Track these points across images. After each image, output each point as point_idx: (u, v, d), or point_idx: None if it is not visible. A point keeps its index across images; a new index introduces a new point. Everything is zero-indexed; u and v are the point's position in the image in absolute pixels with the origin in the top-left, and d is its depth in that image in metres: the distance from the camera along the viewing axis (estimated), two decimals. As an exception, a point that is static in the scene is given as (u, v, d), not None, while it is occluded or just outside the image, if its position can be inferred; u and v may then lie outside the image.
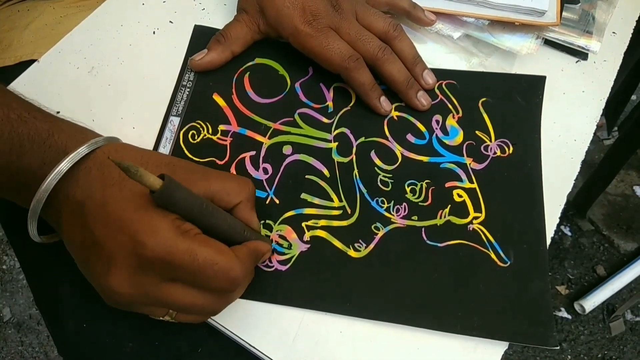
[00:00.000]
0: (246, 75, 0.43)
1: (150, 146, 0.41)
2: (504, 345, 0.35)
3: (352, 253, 0.37)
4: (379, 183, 0.40)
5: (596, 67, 0.47)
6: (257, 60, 0.44)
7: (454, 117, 0.43)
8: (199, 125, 0.41)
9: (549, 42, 0.47)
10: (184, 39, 0.45)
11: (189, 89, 0.43)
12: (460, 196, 0.40)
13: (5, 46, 0.49)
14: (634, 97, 1.12)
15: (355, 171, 0.40)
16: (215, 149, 0.40)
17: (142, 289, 0.29)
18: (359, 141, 0.41)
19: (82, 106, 0.41)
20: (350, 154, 0.41)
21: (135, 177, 0.26)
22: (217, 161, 0.40)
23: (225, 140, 0.41)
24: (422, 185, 0.40)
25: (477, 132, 0.42)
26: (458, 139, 0.42)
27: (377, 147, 0.41)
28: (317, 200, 0.39)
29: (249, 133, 0.41)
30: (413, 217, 0.39)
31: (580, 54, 0.47)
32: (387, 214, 0.39)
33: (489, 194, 0.40)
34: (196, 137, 0.41)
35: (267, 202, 0.39)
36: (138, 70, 0.43)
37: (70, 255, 0.32)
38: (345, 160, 0.41)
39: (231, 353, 0.37)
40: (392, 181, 0.40)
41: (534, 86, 0.44)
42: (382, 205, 0.39)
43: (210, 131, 0.41)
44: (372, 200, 0.39)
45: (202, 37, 0.44)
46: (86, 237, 0.30)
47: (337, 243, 0.38)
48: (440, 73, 0.44)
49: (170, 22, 0.46)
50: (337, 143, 0.41)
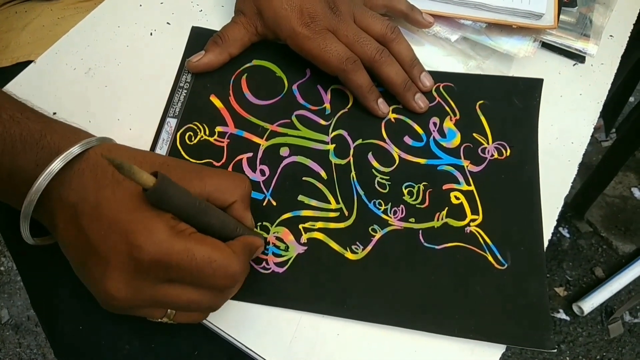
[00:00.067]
0: (243, 76, 0.43)
1: (147, 148, 0.41)
2: (501, 348, 0.35)
3: (349, 255, 0.37)
4: (376, 185, 0.40)
5: (593, 70, 0.47)
6: (255, 62, 0.44)
7: (451, 120, 0.43)
8: (196, 127, 0.41)
9: (546, 45, 0.47)
10: (181, 40, 0.45)
11: (186, 91, 0.43)
12: (457, 198, 0.40)
13: (2, 47, 0.49)
14: (631, 99, 1.12)
15: (353, 173, 0.40)
16: (213, 150, 0.40)
17: (140, 291, 0.29)
18: (356, 143, 0.41)
19: (79, 107, 0.41)
20: (348, 156, 0.41)
21: (128, 174, 0.25)
22: (214, 163, 0.40)
23: (223, 142, 0.41)
24: (419, 187, 0.40)
25: (474, 134, 0.42)
26: (455, 141, 0.42)
27: (374, 149, 0.41)
28: (314, 202, 0.39)
29: (246, 135, 0.41)
30: (410, 220, 0.39)
31: (577, 57, 0.47)
32: (384, 216, 0.39)
33: (486, 196, 0.40)
34: (193, 139, 0.41)
35: (264, 204, 0.39)
36: (135, 72, 0.43)
37: (67, 258, 0.32)
38: (343, 162, 0.41)
39: (228, 355, 0.37)
40: (390, 183, 0.40)
41: (531, 89, 0.44)
42: (380, 207, 0.39)
43: (208, 133, 0.41)
44: (369, 202, 0.39)
45: (199, 39, 0.44)
46: (81, 240, 0.29)
47: (334, 245, 0.38)
48: (437, 75, 0.44)
49: (168, 23, 0.46)
50: (334, 145, 0.41)
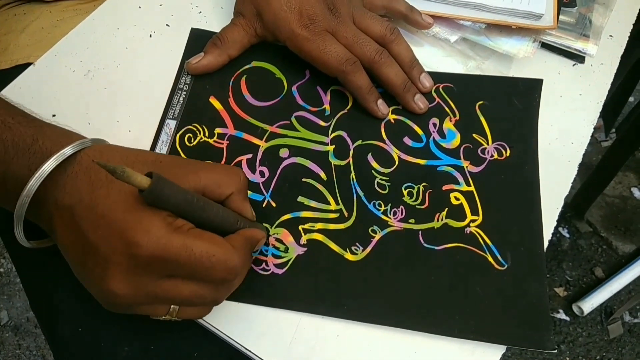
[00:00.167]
0: (243, 78, 0.43)
1: (146, 149, 0.40)
2: (501, 348, 0.35)
3: (349, 256, 0.37)
4: (376, 186, 0.40)
5: (593, 70, 0.47)
6: (254, 63, 0.44)
7: (451, 120, 0.43)
8: (195, 129, 0.41)
9: (545, 46, 0.47)
10: (180, 42, 0.45)
11: (185, 92, 0.43)
12: (457, 199, 0.40)
13: (1, 49, 0.49)
14: (631, 99, 1.12)
15: (352, 174, 0.40)
16: (212, 152, 0.40)
17: (142, 288, 0.29)
18: (356, 144, 0.41)
19: (78, 110, 0.41)
20: (347, 157, 0.41)
21: (122, 178, 0.25)
22: None
23: (222, 144, 0.41)
24: (419, 188, 0.40)
25: (474, 135, 0.42)
26: (455, 142, 0.42)
27: (374, 150, 0.41)
28: (313, 204, 0.39)
29: (245, 136, 0.41)
30: (410, 220, 0.39)
31: (577, 57, 0.47)
32: (384, 217, 0.39)
33: (486, 197, 0.40)
34: (192, 141, 0.41)
35: (263, 205, 0.39)
36: (134, 74, 0.43)
37: (66, 260, 0.32)
38: (342, 163, 0.41)
39: (227, 357, 0.36)
40: (389, 184, 0.40)
41: (531, 89, 0.44)
42: (379, 208, 0.39)
43: (207, 134, 0.41)
44: (369, 203, 0.39)
45: (198, 41, 0.44)
46: (80, 242, 0.29)
47: (334, 246, 0.38)
48: (437, 76, 0.44)
49: (167, 25, 0.46)
50: (334, 146, 0.41)
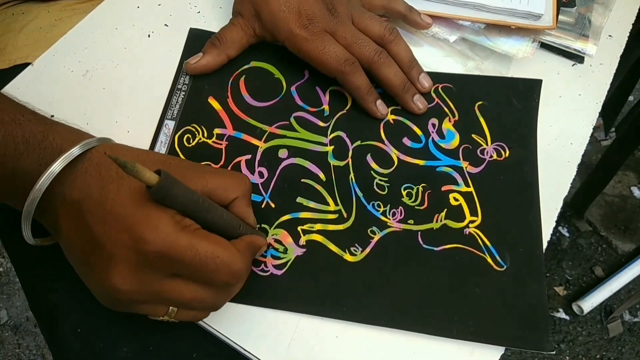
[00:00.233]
0: (242, 78, 0.43)
1: (154, 151, 0.40)
2: (501, 349, 0.35)
3: (348, 257, 0.37)
4: (375, 187, 0.40)
5: (592, 71, 0.46)
6: (253, 63, 0.44)
7: (450, 121, 0.43)
8: (194, 129, 0.41)
9: (545, 46, 0.47)
10: (179, 42, 0.45)
11: (184, 93, 0.42)
12: (456, 200, 0.40)
13: (-1, 49, 0.49)
14: (631, 98, 1.12)
15: (351, 175, 0.40)
16: (211, 152, 0.40)
17: (144, 285, 0.29)
18: (355, 145, 0.41)
19: (77, 110, 0.41)
20: (346, 158, 0.41)
21: (132, 172, 0.26)
22: (213, 165, 0.40)
23: (221, 144, 0.41)
24: (418, 189, 0.40)
25: (473, 135, 0.42)
26: (454, 142, 0.42)
27: (373, 150, 0.41)
28: (312, 204, 0.39)
29: (244, 137, 0.41)
30: (409, 221, 0.39)
31: (576, 57, 0.47)
32: (383, 217, 0.39)
33: (485, 197, 0.40)
34: (191, 141, 0.41)
35: (262, 206, 0.39)
36: (133, 74, 0.43)
37: (66, 261, 0.32)
38: (341, 164, 0.41)
39: (226, 358, 0.36)
40: (388, 185, 0.40)
41: (530, 89, 0.44)
42: (378, 209, 0.39)
43: (206, 135, 0.41)
44: (368, 204, 0.39)
45: (197, 41, 0.44)
46: (85, 238, 0.29)
47: (333, 247, 0.38)
48: (436, 76, 0.44)
49: (166, 25, 0.46)
50: (333, 147, 0.41)
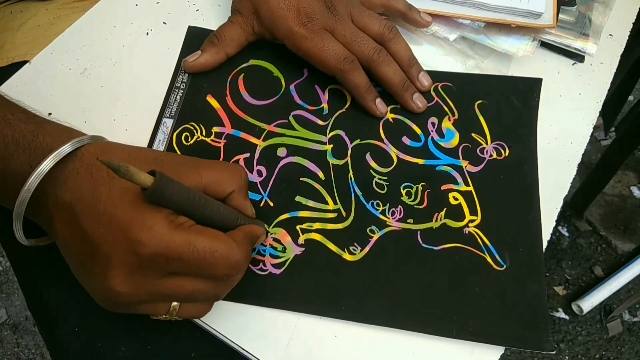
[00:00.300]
0: (240, 77, 0.43)
1: (146, 147, 0.40)
2: (501, 349, 0.35)
3: (347, 256, 0.37)
4: (374, 186, 0.40)
5: (592, 70, 0.46)
6: (252, 61, 0.44)
7: (449, 120, 0.42)
8: (192, 127, 0.41)
9: (545, 45, 0.47)
10: (177, 40, 0.45)
11: (182, 91, 0.42)
12: (456, 199, 0.39)
13: (-3, 47, 0.48)
14: (631, 97, 1.12)
15: (351, 174, 0.40)
16: (209, 151, 0.40)
17: (144, 286, 0.29)
18: (354, 143, 0.41)
19: (75, 108, 0.41)
20: (346, 157, 0.41)
21: (125, 176, 0.25)
22: None
23: (219, 143, 0.40)
24: (417, 188, 0.40)
25: (473, 134, 0.42)
26: (454, 141, 0.42)
27: (372, 149, 0.41)
28: (311, 203, 0.39)
29: (243, 135, 0.41)
30: (408, 220, 0.38)
31: (576, 57, 0.47)
32: (382, 217, 0.39)
33: (484, 197, 0.39)
34: (190, 139, 0.41)
35: (261, 204, 0.38)
36: (131, 72, 0.43)
37: (63, 261, 0.32)
38: (341, 162, 0.40)
39: (225, 357, 0.36)
40: (388, 184, 0.40)
41: (530, 88, 0.44)
42: (378, 208, 0.39)
43: (204, 133, 0.41)
44: (367, 203, 0.39)
45: (195, 39, 0.44)
46: (80, 240, 0.29)
47: (331, 246, 0.37)
48: (436, 75, 0.44)
49: (164, 23, 0.46)
50: (332, 145, 0.41)
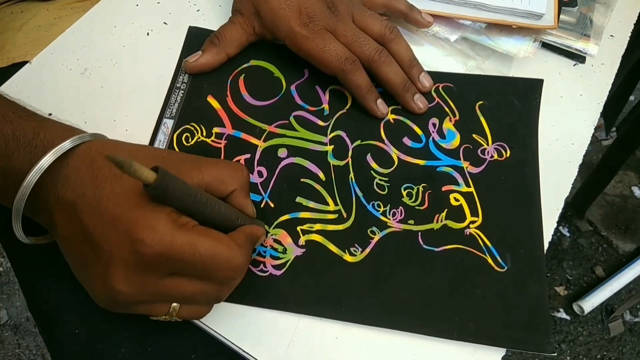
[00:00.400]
0: (241, 77, 0.43)
1: (147, 145, 0.40)
2: (502, 350, 0.35)
3: (347, 257, 0.37)
4: (375, 187, 0.40)
5: (594, 71, 0.46)
6: (252, 62, 0.44)
7: (450, 120, 0.42)
8: (193, 128, 0.41)
9: (546, 45, 0.47)
10: (178, 40, 0.45)
11: (183, 91, 0.42)
12: (457, 200, 0.39)
13: (-2, 48, 0.48)
14: (632, 97, 1.12)
15: (351, 174, 0.40)
16: (210, 152, 0.40)
17: (144, 285, 0.28)
18: (355, 144, 0.41)
19: (75, 108, 0.41)
20: (346, 157, 0.41)
21: (129, 171, 0.25)
22: None
23: (220, 143, 0.40)
24: (418, 189, 0.40)
25: (474, 135, 0.42)
26: (455, 142, 0.41)
27: (373, 150, 0.41)
28: (312, 204, 0.39)
29: (243, 136, 0.41)
30: (409, 221, 0.38)
31: (577, 57, 0.46)
32: (383, 218, 0.38)
33: (486, 198, 0.39)
34: (190, 140, 0.40)
35: (261, 205, 0.38)
36: (131, 72, 0.43)
37: (64, 262, 0.31)
38: (341, 163, 0.40)
39: (225, 359, 0.36)
40: (389, 185, 0.40)
41: (531, 89, 0.43)
42: (378, 209, 0.39)
43: (205, 134, 0.41)
44: (368, 204, 0.39)
45: (196, 39, 0.44)
46: (81, 238, 0.29)
47: (332, 247, 0.37)
48: (437, 76, 0.44)
49: (165, 23, 0.46)
50: (332, 146, 0.41)
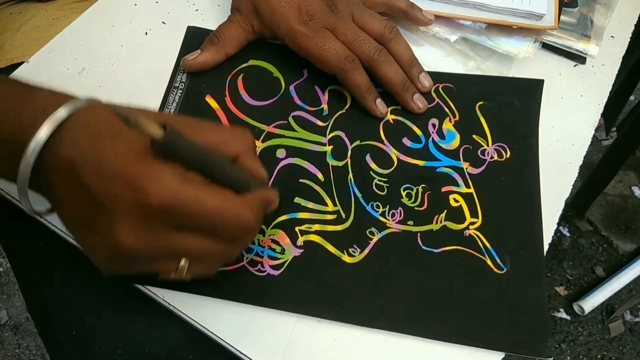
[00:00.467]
0: (240, 77, 0.43)
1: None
2: (501, 352, 0.35)
3: (346, 258, 0.37)
4: (374, 187, 0.39)
5: (594, 71, 0.46)
6: (251, 62, 0.44)
7: (450, 121, 0.42)
8: None
9: (546, 46, 0.46)
10: (176, 40, 0.44)
11: (181, 91, 0.42)
12: (456, 201, 0.39)
13: (-4, 48, 0.48)
14: (632, 97, 1.11)
15: (350, 175, 0.40)
16: (208, 152, 0.40)
17: (151, 240, 0.27)
18: (354, 145, 0.41)
19: (73, 108, 0.41)
20: (345, 158, 0.40)
21: (135, 126, 0.23)
22: None
23: (218, 144, 0.40)
24: (418, 189, 0.39)
25: (474, 136, 0.42)
26: (455, 143, 0.41)
27: (372, 150, 0.41)
28: (311, 205, 0.38)
29: (242, 136, 0.41)
30: (409, 222, 0.38)
31: (578, 58, 0.46)
32: (382, 218, 0.38)
33: (485, 199, 0.39)
34: (189, 141, 0.40)
35: (260, 206, 0.38)
36: (130, 72, 0.43)
37: (64, 263, 0.31)
38: (340, 164, 0.40)
39: (223, 360, 0.36)
40: (388, 185, 0.39)
41: (531, 90, 0.43)
42: (377, 209, 0.39)
43: (203, 134, 0.40)
44: (367, 204, 0.39)
45: (195, 39, 0.44)
46: (82, 197, 0.27)
47: (331, 248, 0.37)
48: (436, 76, 0.43)
49: (163, 22, 0.45)
50: (331, 146, 0.41)
